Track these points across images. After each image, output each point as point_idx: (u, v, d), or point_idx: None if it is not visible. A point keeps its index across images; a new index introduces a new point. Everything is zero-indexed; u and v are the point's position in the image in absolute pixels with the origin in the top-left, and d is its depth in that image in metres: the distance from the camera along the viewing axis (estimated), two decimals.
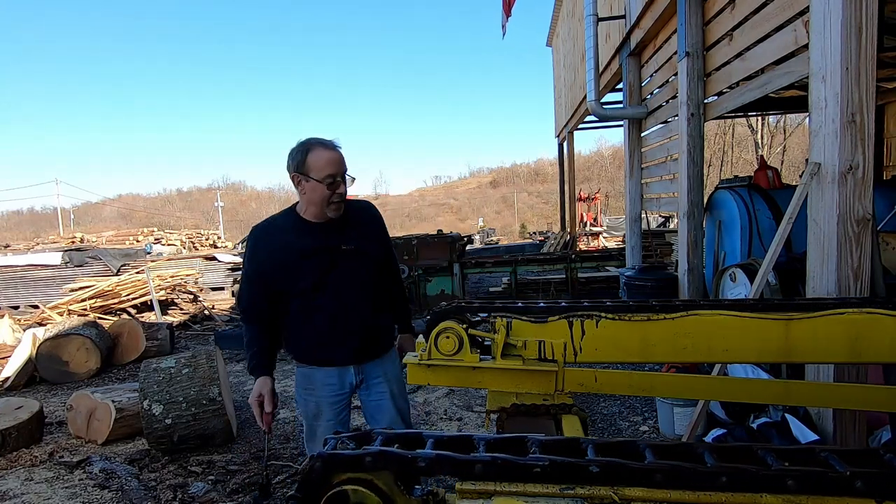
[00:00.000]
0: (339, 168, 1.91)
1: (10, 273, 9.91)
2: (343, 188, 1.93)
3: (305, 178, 1.90)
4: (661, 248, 9.23)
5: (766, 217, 4.38)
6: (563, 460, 0.82)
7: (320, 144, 1.92)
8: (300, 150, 1.92)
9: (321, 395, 2.10)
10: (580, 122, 11.00)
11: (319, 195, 1.90)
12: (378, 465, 0.86)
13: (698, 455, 0.86)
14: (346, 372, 2.10)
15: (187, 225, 46.87)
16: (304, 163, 1.90)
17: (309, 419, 2.15)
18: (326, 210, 1.94)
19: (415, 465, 0.85)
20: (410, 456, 0.86)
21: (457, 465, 0.84)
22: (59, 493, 3.13)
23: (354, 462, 0.87)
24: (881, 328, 1.09)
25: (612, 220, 21.85)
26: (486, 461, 0.83)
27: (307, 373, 2.13)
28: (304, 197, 1.96)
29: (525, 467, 0.82)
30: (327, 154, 1.90)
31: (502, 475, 0.83)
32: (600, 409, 4.06)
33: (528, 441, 0.90)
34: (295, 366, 2.19)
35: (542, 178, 71.21)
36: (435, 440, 0.93)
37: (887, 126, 7.56)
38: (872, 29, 2.13)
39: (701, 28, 4.01)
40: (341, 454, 0.87)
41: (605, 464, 0.81)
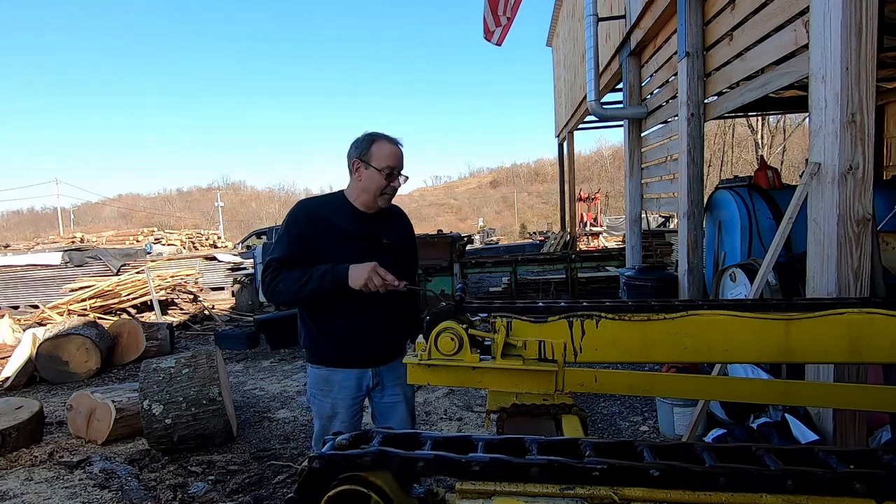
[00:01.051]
0: (399, 163, 2.03)
1: (10, 273, 9.91)
2: (397, 182, 2.04)
3: (366, 165, 2.00)
4: (661, 248, 9.23)
5: (766, 217, 4.38)
6: (563, 461, 0.82)
7: (385, 138, 2.03)
8: (366, 139, 2.02)
9: (338, 396, 2.10)
10: (580, 122, 11.01)
11: (376, 183, 2.00)
12: (378, 465, 0.86)
13: (698, 455, 0.86)
14: (364, 374, 2.12)
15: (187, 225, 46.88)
16: (367, 151, 2.00)
17: (323, 420, 2.14)
18: (378, 199, 2.04)
19: (414, 465, 0.85)
20: (410, 456, 0.86)
21: (456, 466, 0.84)
22: (58, 493, 3.13)
23: (354, 462, 0.86)
24: (881, 328, 1.09)
25: (612, 220, 21.85)
26: (485, 461, 0.83)
27: (325, 374, 2.11)
28: (358, 184, 2.04)
29: (524, 467, 0.82)
30: (391, 147, 2.01)
31: (501, 475, 0.83)
32: (600, 409, 4.06)
33: (527, 442, 0.90)
34: (309, 367, 2.17)
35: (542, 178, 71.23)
36: (434, 440, 0.93)
37: (887, 126, 7.57)
38: (872, 29, 2.13)
39: (701, 28, 4.01)
40: (340, 454, 0.87)
41: (605, 464, 0.81)
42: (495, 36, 8.88)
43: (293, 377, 5.46)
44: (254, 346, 6.89)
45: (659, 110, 5.36)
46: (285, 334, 6.76)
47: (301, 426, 4.08)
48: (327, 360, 2.11)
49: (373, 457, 0.86)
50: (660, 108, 5.32)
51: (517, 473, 0.82)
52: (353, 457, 0.87)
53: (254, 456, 3.54)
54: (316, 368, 2.14)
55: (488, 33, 8.94)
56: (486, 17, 8.79)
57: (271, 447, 3.69)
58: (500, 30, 8.80)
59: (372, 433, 0.96)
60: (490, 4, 8.62)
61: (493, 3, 8.59)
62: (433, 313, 1.25)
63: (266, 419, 4.26)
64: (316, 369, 2.13)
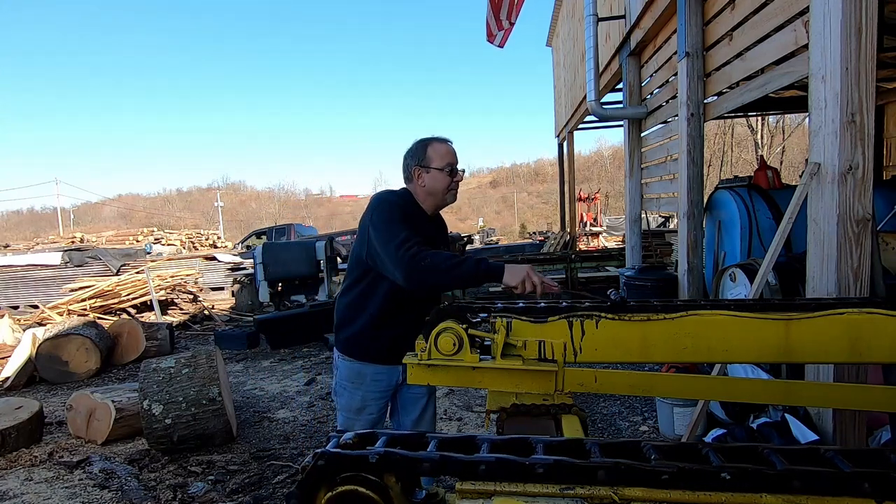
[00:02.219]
0: (456, 158, 2.10)
1: (10, 273, 9.91)
2: (459, 176, 2.11)
3: (426, 169, 2.06)
4: (661, 248, 9.23)
5: (766, 217, 4.39)
6: (566, 461, 0.82)
7: (436, 139, 2.10)
8: (420, 146, 2.09)
9: (369, 390, 2.12)
10: (580, 122, 11.00)
11: (441, 183, 2.07)
12: (382, 466, 0.86)
13: (698, 455, 0.86)
14: (395, 369, 2.14)
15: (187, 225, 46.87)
16: (424, 156, 2.06)
17: (351, 413, 2.14)
18: (446, 197, 2.11)
19: (419, 466, 0.85)
20: (415, 457, 0.86)
21: (461, 466, 0.84)
22: (58, 493, 3.13)
23: (358, 462, 0.86)
24: (881, 328, 1.09)
25: (612, 220, 21.86)
26: (491, 462, 0.83)
27: (358, 368, 2.11)
28: (422, 189, 2.09)
29: (529, 468, 0.82)
30: (444, 146, 2.08)
31: (506, 476, 0.82)
32: (600, 409, 4.06)
33: (532, 442, 0.90)
34: (342, 360, 2.14)
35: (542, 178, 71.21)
36: (438, 441, 0.93)
37: (887, 126, 7.57)
38: (872, 29, 2.13)
39: (701, 28, 4.01)
40: (345, 453, 0.87)
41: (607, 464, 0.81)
42: (497, 38, 8.93)
43: (293, 377, 5.46)
44: (254, 346, 6.89)
45: (659, 110, 5.36)
46: (285, 334, 6.76)
47: (301, 426, 4.08)
48: (365, 354, 2.10)
49: (378, 457, 0.86)
50: (660, 108, 5.32)
51: (523, 474, 0.82)
52: (358, 457, 0.86)
53: (254, 456, 3.54)
54: (348, 361, 2.13)
55: (491, 36, 8.99)
56: (490, 20, 8.83)
57: (271, 447, 3.69)
58: (502, 33, 8.85)
59: (377, 433, 0.96)
60: (493, 9, 8.66)
61: (495, 8, 8.63)
62: (433, 313, 1.25)
63: (266, 419, 4.26)
64: (348, 362, 2.13)
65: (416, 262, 1.80)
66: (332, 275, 7.92)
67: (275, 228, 19.36)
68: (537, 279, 1.76)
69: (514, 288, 1.77)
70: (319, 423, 4.11)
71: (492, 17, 8.74)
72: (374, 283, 2.04)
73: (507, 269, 1.80)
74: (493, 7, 8.64)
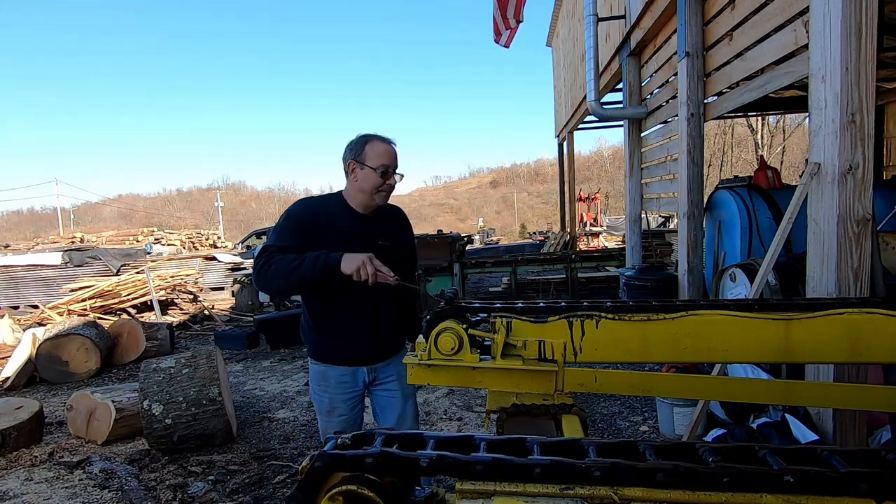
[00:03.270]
0: (393, 161, 2.07)
1: (10, 273, 9.91)
2: (393, 180, 2.08)
3: (361, 165, 2.04)
4: (661, 248, 9.23)
5: (766, 217, 4.39)
6: (566, 461, 0.82)
7: (378, 138, 2.08)
8: (359, 141, 2.07)
9: (335, 392, 2.16)
10: (580, 122, 11.00)
11: (371, 182, 2.04)
12: (379, 466, 0.86)
13: (699, 455, 0.86)
14: (359, 371, 2.17)
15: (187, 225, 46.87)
16: (362, 151, 2.04)
17: (322, 415, 2.21)
18: (375, 196, 2.07)
19: (417, 465, 0.85)
20: (412, 457, 0.86)
21: (459, 466, 0.84)
22: (58, 493, 3.13)
23: (355, 462, 0.86)
24: (881, 328, 1.09)
25: (612, 220, 21.85)
26: (489, 462, 0.83)
27: (322, 370, 2.16)
28: (354, 184, 2.08)
29: (527, 467, 0.82)
30: (384, 146, 2.06)
31: (504, 475, 0.82)
32: (600, 409, 4.06)
33: (530, 442, 0.90)
34: (310, 362, 2.22)
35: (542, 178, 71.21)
36: (436, 440, 0.93)
37: (887, 126, 7.57)
38: (872, 29, 2.13)
39: (701, 28, 4.01)
40: (342, 454, 0.87)
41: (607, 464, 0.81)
42: (503, 38, 8.95)
43: (293, 377, 5.46)
44: (254, 346, 6.89)
45: (659, 110, 5.36)
46: (285, 334, 6.76)
47: (301, 426, 4.08)
48: (324, 357, 2.15)
49: (374, 457, 0.86)
50: (660, 108, 5.32)
51: (520, 474, 0.82)
52: (355, 457, 0.86)
53: (254, 456, 3.54)
54: (314, 364, 2.19)
55: (497, 35, 9.01)
56: (497, 20, 8.85)
57: (271, 447, 3.69)
58: (508, 32, 8.87)
59: (374, 433, 0.96)
60: (500, 8, 8.67)
61: (502, 7, 8.64)
62: (433, 313, 1.25)
63: (266, 419, 4.26)
64: (314, 365, 2.19)
65: (264, 270, 1.90)
66: None
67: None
68: (371, 268, 1.80)
69: (351, 276, 1.82)
70: None
71: (499, 16, 8.75)
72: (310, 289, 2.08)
73: (344, 257, 1.84)
74: (500, 6, 8.65)
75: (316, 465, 0.86)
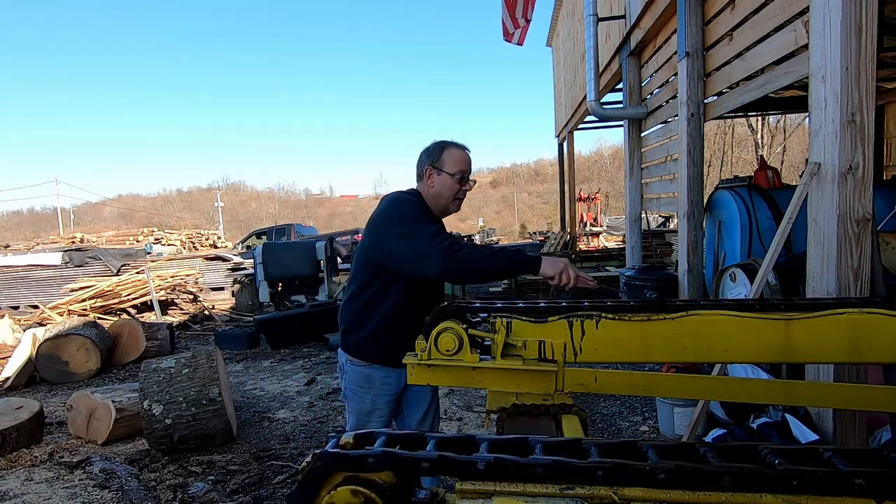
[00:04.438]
0: (468, 167, 2.08)
1: (10, 273, 9.91)
2: (468, 185, 2.09)
3: (438, 171, 2.05)
4: (661, 248, 9.24)
5: (766, 217, 4.39)
6: (568, 461, 0.82)
7: (455, 144, 2.09)
8: (437, 147, 2.08)
9: (380, 393, 2.13)
10: (580, 122, 11.00)
11: (449, 189, 2.05)
12: (381, 466, 0.86)
13: (699, 455, 0.86)
14: (403, 372, 2.13)
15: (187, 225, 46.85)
16: (440, 158, 2.05)
17: (362, 416, 2.15)
18: (451, 205, 2.08)
19: (418, 466, 0.85)
20: (413, 457, 0.86)
21: (459, 466, 0.84)
22: (59, 493, 3.13)
23: (357, 462, 0.86)
24: (881, 328, 1.09)
25: (612, 220, 21.85)
26: (490, 461, 0.83)
27: (367, 372, 2.11)
28: (431, 191, 2.07)
29: (528, 467, 0.82)
30: (461, 153, 2.07)
31: (505, 475, 0.82)
32: (600, 409, 4.06)
33: (531, 442, 0.90)
34: (349, 364, 2.14)
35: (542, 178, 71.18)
36: (437, 441, 0.93)
37: (887, 126, 7.57)
38: (872, 29, 2.13)
39: (701, 28, 4.01)
40: (344, 454, 0.87)
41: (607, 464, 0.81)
42: (515, 37, 8.99)
43: (293, 377, 5.46)
44: (254, 346, 6.89)
45: (659, 110, 5.36)
46: (285, 334, 6.76)
47: (301, 426, 4.08)
48: (374, 357, 2.10)
49: (376, 458, 0.86)
50: (660, 108, 5.32)
51: (522, 474, 0.82)
52: (357, 457, 0.86)
53: (254, 456, 3.54)
54: (358, 365, 2.12)
55: (508, 35, 9.06)
56: (505, 20, 8.90)
57: (271, 447, 3.69)
58: (519, 31, 8.90)
59: (376, 434, 0.96)
60: (508, 8, 8.70)
61: (510, 7, 8.67)
62: (433, 313, 1.25)
63: (266, 419, 4.26)
64: (358, 366, 2.12)
65: (454, 251, 1.79)
66: (332, 275, 7.92)
67: (275, 228, 19.36)
68: (573, 273, 1.79)
69: (550, 279, 1.80)
70: (320, 423, 4.11)
71: (507, 15, 8.80)
72: (387, 284, 2.02)
73: (544, 260, 1.82)
74: (509, 6, 8.69)
75: (317, 465, 0.86)
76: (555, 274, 1.78)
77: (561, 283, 1.79)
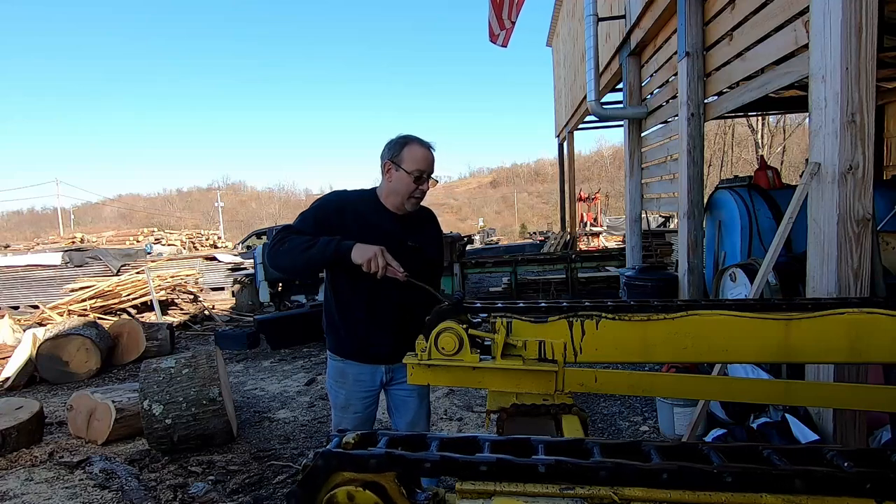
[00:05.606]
0: (428, 166, 2.04)
1: (10, 273, 9.91)
2: (426, 185, 2.06)
3: (396, 167, 2.02)
4: (661, 248, 9.23)
5: (766, 217, 4.38)
6: (571, 461, 0.82)
7: (417, 141, 2.05)
8: (398, 142, 2.05)
9: (352, 389, 2.16)
10: (580, 122, 11.01)
11: (404, 186, 2.02)
12: (383, 467, 0.86)
13: (699, 455, 0.86)
14: (377, 370, 2.16)
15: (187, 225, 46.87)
16: (399, 153, 2.02)
17: (338, 410, 2.20)
18: (406, 203, 2.05)
19: (420, 467, 0.85)
20: (416, 458, 0.85)
21: (462, 467, 0.84)
22: (59, 494, 3.13)
23: (358, 462, 0.86)
24: (881, 328, 1.09)
25: (612, 220, 21.84)
26: (492, 462, 0.83)
27: (341, 367, 2.16)
28: (389, 185, 2.06)
29: (531, 468, 0.82)
30: (421, 151, 2.03)
31: (507, 476, 0.82)
32: (600, 409, 4.06)
33: (534, 442, 0.90)
34: (328, 357, 2.22)
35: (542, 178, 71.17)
36: (440, 441, 0.92)
37: (887, 126, 7.57)
38: (872, 29, 2.13)
39: (701, 28, 4.01)
40: (345, 453, 0.87)
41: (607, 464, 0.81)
42: (500, 38, 8.97)
43: (293, 377, 5.46)
44: (254, 346, 6.89)
45: (659, 110, 5.36)
46: (285, 334, 6.76)
47: (301, 426, 4.08)
48: (344, 353, 2.15)
49: (378, 458, 0.86)
50: (660, 108, 5.32)
51: (524, 474, 0.82)
52: (358, 458, 0.86)
53: (254, 456, 3.54)
54: (333, 359, 2.19)
55: (493, 36, 9.04)
56: (491, 21, 8.89)
57: (271, 447, 3.69)
58: (504, 32, 8.89)
59: (378, 434, 0.96)
60: (494, 10, 8.70)
61: (497, 8, 8.66)
62: (433, 313, 1.25)
63: (266, 419, 4.26)
64: (333, 360, 2.19)
65: (276, 247, 1.91)
66: None
67: (275, 229, 19.35)
68: (382, 261, 1.81)
69: (360, 265, 1.82)
70: (320, 423, 4.11)
71: (493, 17, 8.79)
72: (331, 278, 2.12)
73: (355, 247, 1.85)
74: (495, 7, 8.68)
75: (318, 464, 0.86)
76: (363, 261, 1.80)
77: (371, 269, 1.81)
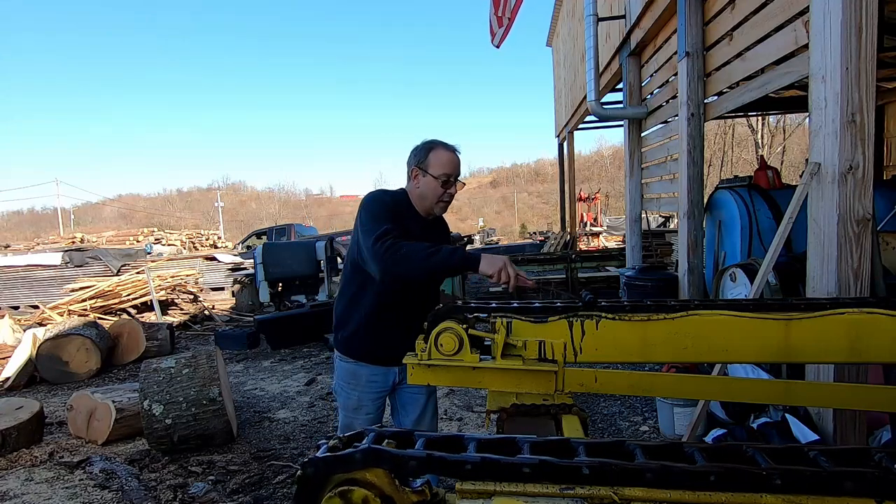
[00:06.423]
0: (455, 169, 2.04)
1: (10, 273, 9.91)
2: (454, 189, 2.06)
3: (423, 172, 2.03)
4: (661, 248, 9.23)
5: (766, 217, 4.39)
6: (553, 460, 0.82)
7: (443, 145, 2.06)
8: (423, 148, 2.06)
9: (365, 390, 2.14)
10: (580, 122, 11.00)
11: (433, 191, 2.03)
12: (369, 463, 0.87)
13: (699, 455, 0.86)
14: (390, 371, 2.16)
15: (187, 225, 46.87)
16: (425, 159, 2.03)
17: (349, 412, 2.18)
18: (434, 207, 2.07)
19: (406, 464, 0.86)
20: (402, 455, 0.86)
21: (449, 465, 0.84)
22: (59, 494, 3.13)
23: (345, 462, 0.87)
24: (881, 328, 1.09)
25: (612, 220, 21.84)
26: (477, 461, 0.83)
27: (353, 369, 2.14)
28: (416, 191, 2.07)
29: (515, 466, 0.82)
30: (447, 154, 2.03)
31: (493, 475, 0.83)
32: (600, 409, 4.06)
33: (519, 441, 0.91)
34: (338, 360, 2.19)
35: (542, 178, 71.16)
36: (426, 439, 0.93)
37: (887, 126, 7.57)
38: (872, 29, 2.13)
39: (701, 28, 4.02)
40: (332, 456, 0.88)
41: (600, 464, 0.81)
42: (497, 37, 8.97)
43: (293, 377, 5.46)
44: (254, 347, 6.89)
45: (659, 110, 5.36)
46: (285, 334, 6.76)
47: (301, 426, 4.08)
48: (358, 354, 2.13)
49: (364, 455, 0.87)
50: (660, 108, 5.32)
51: (508, 473, 0.82)
52: (345, 457, 0.87)
53: (254, 456, 3.54)
54: (345, 362, 2.16)
55: (492, 35, 9.04)
56: (492, 19, 8.88)
57: (271, 447, 3.69)
58: (501, 31, 8.88)
59: (365, 432, 0.97)
60: (494, 8, 8.70)
61: (496, 5, 8.67)
62: (433, 313, 1.25)
63: (266, 419, 4.26)
64: (344, 362, 2.16)
65: (391, 252, 1.78)
66: (332, 275, 7.92)
67: (275, 228, 19.37)
68: (512, 271, 1.77)
69: (490, 277, 1.79)
70: (320, 423, 4.12)
71: (493, 16, 8.80)
72: (365, 283, 2.05)
73: (483, 258, 1.81)
74: (495, 5, 8.69)
75: (308, 472, 0.87)
76: (493, 272, 1.77)
77: (500, 280, 1.77)
